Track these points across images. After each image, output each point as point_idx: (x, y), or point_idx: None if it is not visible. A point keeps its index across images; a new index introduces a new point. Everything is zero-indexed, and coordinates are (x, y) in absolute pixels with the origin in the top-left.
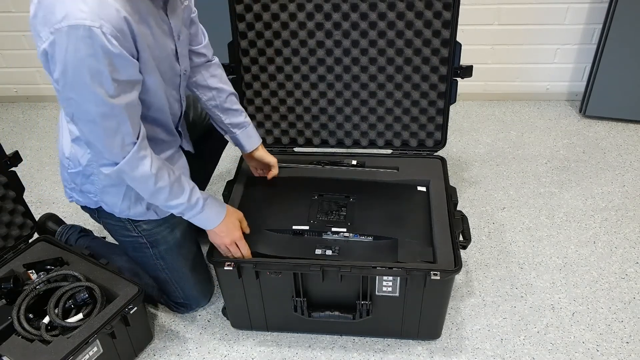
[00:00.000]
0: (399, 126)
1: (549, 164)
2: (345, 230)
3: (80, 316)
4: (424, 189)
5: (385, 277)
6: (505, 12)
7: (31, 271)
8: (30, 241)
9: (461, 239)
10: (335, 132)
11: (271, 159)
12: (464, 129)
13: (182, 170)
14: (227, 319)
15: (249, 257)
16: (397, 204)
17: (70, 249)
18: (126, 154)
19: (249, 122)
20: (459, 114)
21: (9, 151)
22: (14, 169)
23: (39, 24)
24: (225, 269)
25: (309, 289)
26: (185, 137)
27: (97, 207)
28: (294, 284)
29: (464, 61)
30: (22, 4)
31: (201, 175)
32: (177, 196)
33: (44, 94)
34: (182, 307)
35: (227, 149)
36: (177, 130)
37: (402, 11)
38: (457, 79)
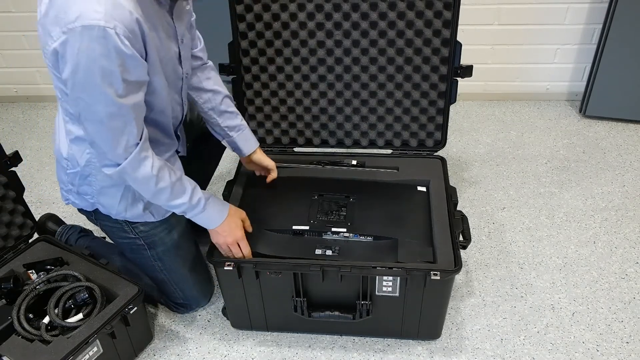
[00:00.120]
0: (399, 126)
1: (549, 164)
2: (345, 230)
3: (80, 316)
4: (424, 189)
5: (385, 277)
6: (505, 12)
7: (31, 271)
8: (30, 241)
9: (461, 239)
10: (335, 132)
11: (269, 163)
12: (464, 129)
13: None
14: (227, 319)
15: (249, 257)
16: (397, 204)
17: (70, 249)
18: (128, 154)
19: (245, 126)
20: (459, 114)
21: (9, 151)
22: (14, 169)
23: (49, 23)
24: (225, 269)
25: (309, 289)
26: (182, 141)
27: (93, 210)
28: (294, 284)
29: (464, 61)
30: (22, 4)
31: (201, 176)
32: (178, 196)
33: (44, 94)
34: (182, 307)
35: (227, 149)
36: (176, 134)
37: (402, 11)
38: (457, 79)
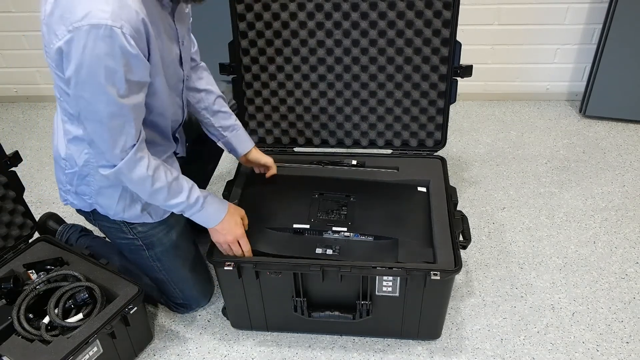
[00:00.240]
0: (399, 126)
1: (549, 164)
2: (345, 229)
3: (80, 316)
4: (424, 190)
5: (385, 277)
6: (505, 12)
7: (31, 271)
8: (30, 241)
9: (461, 239)
10: (335, 132)
11: (267, 160)
12: (464, 129)
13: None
14: (227, 319)
15: (249, 255)
16: (397, 204)
17: (70, 249)
18: (125, 155)
19: (239, 126)
20: (459, 114)
21: (9, 151)
22: (14, 169)
23: (55, 22)
24: (225, 269)
25: (309, 289)
26: (181, 143)
27: (91, 210)
28: (294, 284)
29: (464, 61)
30: (22, 4)
31: (201, 176)
32: (175, 196)
33: (44, 94)
34: (182, 307)
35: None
36: (175, 136)
37: (402, 10)
38: (457, 79)
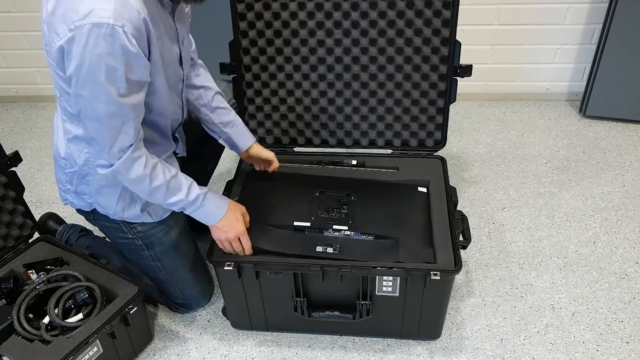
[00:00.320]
0: (399, 125)
1: (549, 164)
2: (346, 228)
3: (80, 316)
4: (424, 190)
5: (385, 277)
6: (505, 12)
7: (31, 271)
8: (30, 241)
9: (461, 239)
10: (335, 132)
11: (269, 154)
12: (464, 129)
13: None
14: (227, 319)
15: (250, 253)
16: (398, 204)
17: (70, 249)
18: (122, 154)
19: (239, 121)
20: (459, 114)
21: (9, 151)
22: (14, 169)
23: (57, 21)
24: (225, 269)
25: (309, 289)
26: (181, 143)
27: (91, 210)
28: (294, 284)
29: (464, 61)
30: (22, 4)
31: (201, 176)
32: (174, 193)
33: (44, 94)
34: (182, 307)
35: (227, 149)
36: (175, 136)
37: (402, 10)
38: (457, 78)
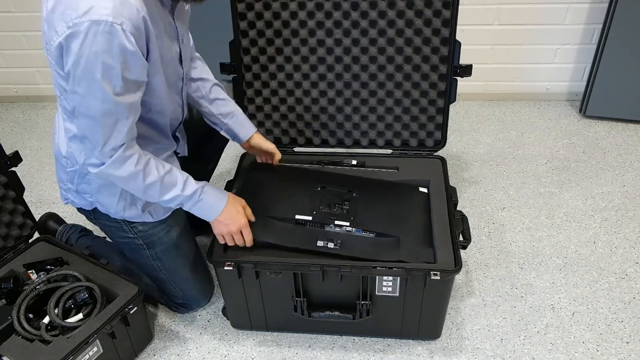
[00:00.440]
0: (399, 125)
1: (549, 164)
2: (348, 224)
3: (80, 316)
4: (425, 190)
5: (385, 277)
6: (505, 12)
7: (31, 271)
8: (30, 241)
9: (461, 239)
10: (335, 132)
11: (269, 145)
12: (464, 129)
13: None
14: (227, 319)
15: (251, 245)
16: (398, 203)
17: (70, 249)
18: (114, 153)
19: (239, 111)
20: (459, 114)
21: (9, 151)
22: (14, 169)
23: (56, 19)
24: (225, 268)
25: (309, 289)
26: (182, 142)
27: (92, 209)
28: (294, 284)
29: (464, 61)
30: (22, 4)
31: (201, 176)
32: (170, 189)
33: (44, 94)
34: (182, 307)
35: (227, 149)
36: (175, 135)
37: (402, 9)
38: (457, 78)
